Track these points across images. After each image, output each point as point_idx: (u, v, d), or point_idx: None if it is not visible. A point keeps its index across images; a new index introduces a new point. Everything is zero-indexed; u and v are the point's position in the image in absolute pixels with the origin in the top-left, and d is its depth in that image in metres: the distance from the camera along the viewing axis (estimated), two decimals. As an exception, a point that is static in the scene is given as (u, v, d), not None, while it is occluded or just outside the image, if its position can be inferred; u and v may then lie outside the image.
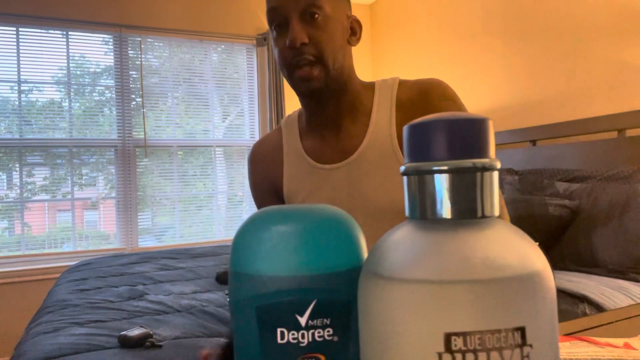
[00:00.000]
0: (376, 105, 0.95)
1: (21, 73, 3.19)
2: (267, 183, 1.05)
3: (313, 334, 0.28)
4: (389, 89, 0.96)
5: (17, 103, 3.19)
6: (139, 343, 1.27)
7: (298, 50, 0.87)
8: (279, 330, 0.28)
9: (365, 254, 0.31)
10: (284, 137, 1.03)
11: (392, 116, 0.93)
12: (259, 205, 1.09)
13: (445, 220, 0.22)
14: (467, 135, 0.22)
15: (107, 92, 3.46)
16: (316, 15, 0.87)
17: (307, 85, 0.89)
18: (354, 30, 0.96)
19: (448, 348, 0.19)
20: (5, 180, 3.18)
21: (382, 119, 0.94)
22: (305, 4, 0.87)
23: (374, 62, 4.12)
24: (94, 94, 3.46)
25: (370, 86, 0.99)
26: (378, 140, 0.93)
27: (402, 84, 0.96)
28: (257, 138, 3.84)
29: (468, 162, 0.22)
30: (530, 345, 0.20)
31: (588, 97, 2.42)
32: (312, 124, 0.99)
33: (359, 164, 0.94)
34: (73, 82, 3.36)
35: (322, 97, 0.92)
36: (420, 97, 0.92)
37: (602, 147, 2.21)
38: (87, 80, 3.44)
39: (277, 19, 0.89)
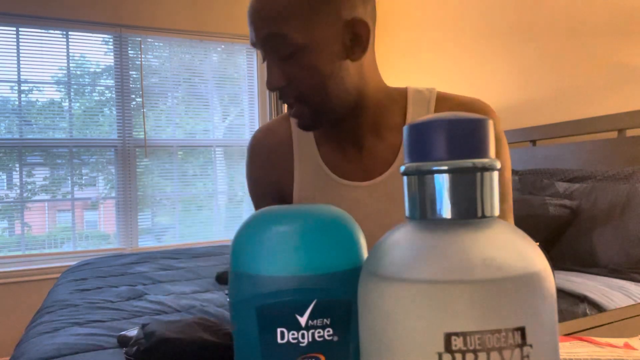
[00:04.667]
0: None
1: (21, 73, 3.18)
2: (269, 181, 0.92)
3: (313, 334, 0.28)
4: (424, 104, 0.83)
5: (17, 103, 3.19)
6: (139, 343, 1.26)
7: (279, 92, 0.77)
8: (279, 330, 0.28)
9: (365, 254, 0.31)
10: (294, 134, 0.89)
11: None
12: (255, 201, 0.96)
13: (445, 220, 0.22)
14: (467, 135, 0.22)
15: (107, 92, 3.46)
16: (287, 51, 0.73)
17: (300, 123, 0.79)
18: (358, 39, 0.75)
19: (448, 348, 0.19)
20: (5, 180, 3.18)
21: None
22: (272, 44, 0.73)
23: (374, 62, 4.12)
24: (94, 94, 3.46)
25: (401, 96, 0.85)
26: None
27: (442, 99, 0.84)
28: (257, 138, 3.82)
29: (468, 162, 0.22)
30: (530, 345, 0.20)
31: (588, 97, 2.42)
32: (329, 134, 0.87)
33: (385, 188, 0.82)
34: (73, 82, 3.36)
35: (326, 124, 0.80)
36: None
37: (602, 147, 2.21)
38: (87, 80, 3.44)
39: (260, 52, 0.78)
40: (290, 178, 0.89)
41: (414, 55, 3.66)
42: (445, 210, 0.22)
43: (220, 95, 3.77)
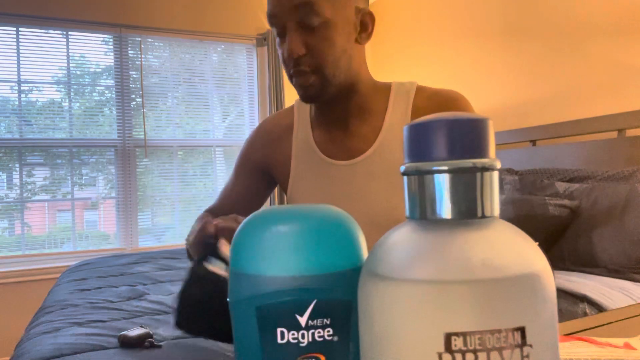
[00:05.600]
0: (391, 109, 0.92)
1: (21, 73, 3.18)
2: (262, 158, 1.04)
3: (313, 334, 0.28)
4: (405, 94, 0.93)
5: (17, 103, 3.19)
6: (139, 343, 1.27)
7: (296, 60, 0.84)
8: (279, 330, 0.28)
9: (365, 254, 0.31)
10: (296, 120, 1.02)
11: (407, 123, 0.88)
12: (237, 172, 1.07)
13: (445, 220, 0.22)
14: (467, 135, 0.22)
15: (107, 92, 3.46)
16: (314, 22, 0.82)
17: (304, 92, 0.88)
18: (365, 26, 0.89)
19: (448, 348, 0.19)
20: (5, 180, 3.18)
21: (396, 124, 0.91)
22: (302, 13, 0.82)
23: (374, 63, 4.12)
24: (94, 94, 3.46)
25: (386, 87, 0.96)
26: (389, 146, 0.91)
27: (420, 90, 0.93)
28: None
29: (468, 162, 0.22)
30: (530, 345, 0.20)
31: (588, 97, 2.42)
32: (321, 118, 0.98)
33: (366, 166, 0.92)
34: (73, 82, 3.36)
35: (324, 101, 0.90)
36: (440, 111, 0.88)
37: (602, 147, 2.21)
38: (87, 80, 3.44)
39: (276, 26, 0.86)
40: (287, 157, 1.01)
41: (413, 55, 3.66)
42: (445, 210, 0.22)
43: (220, 95, 3.77)
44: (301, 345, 0.28)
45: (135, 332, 1.30)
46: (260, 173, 1.05)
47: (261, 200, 1.09)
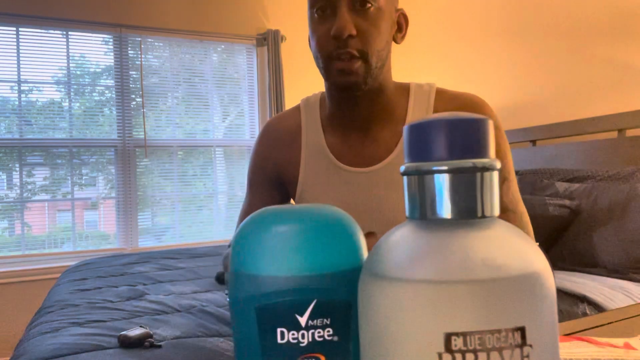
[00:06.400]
0: (411, 113, 0.89)
1: (21, 73, 3.18)
2: (273, 167, 0.98)
3: (313, 334, 0.28)
4: (425, 97, 0.90)
5: (17, 103, 3.19)
6: (139, 343, 1.27)
7: (343, 41, 0.79)
8: (279, 330, 0.28)
9: (365, 254, 0.31)
10: (304, 122, 0.96)
11: None
12: (252, 189, 1.02)
13: (445, 220, 0.22)
14: (467, 135, 0.22)
15: (107, 92, 3.46)
16: (368, 5, 0.80)
17: (346, 78, 0.82)
18: (400, 26, 0.89)
19: (448, 348, 0.19)
20: (5, 180, 3.18)
21: None
22: None
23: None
24: (94, 94, 3.46)
25: (405, 89, 0.92)
26: None
27: (440, 93, 0.90)
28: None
29: (468, 162, 0.22)
30: (530, 345, 0.20)
31: (588, 97, 2.42)
32: (337, 120, 0.92)
33: (385, 174, 0.87)
34: (73, 82, 3.36)
35: (357, 94, 0.85)
36: None
37: (602, 147, 2.21)
38: (87, 80, 3.44)
39: (322, 1, 0.81)
40: (296, 162, 0.95)
41: (414, 54, 3.66)
42: (445, 210, 0.22)
43: (220, 95, 3.77)
44: (301, 345, 0.28)
45: (135, 332, 1.30)
46: (275, 181, 1.00)
47: None
